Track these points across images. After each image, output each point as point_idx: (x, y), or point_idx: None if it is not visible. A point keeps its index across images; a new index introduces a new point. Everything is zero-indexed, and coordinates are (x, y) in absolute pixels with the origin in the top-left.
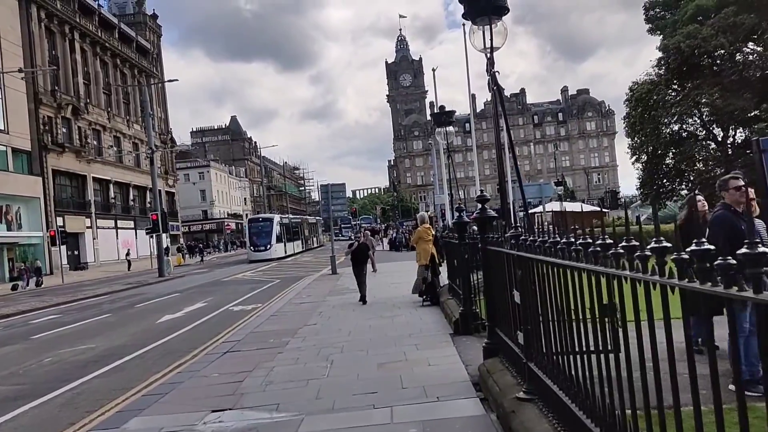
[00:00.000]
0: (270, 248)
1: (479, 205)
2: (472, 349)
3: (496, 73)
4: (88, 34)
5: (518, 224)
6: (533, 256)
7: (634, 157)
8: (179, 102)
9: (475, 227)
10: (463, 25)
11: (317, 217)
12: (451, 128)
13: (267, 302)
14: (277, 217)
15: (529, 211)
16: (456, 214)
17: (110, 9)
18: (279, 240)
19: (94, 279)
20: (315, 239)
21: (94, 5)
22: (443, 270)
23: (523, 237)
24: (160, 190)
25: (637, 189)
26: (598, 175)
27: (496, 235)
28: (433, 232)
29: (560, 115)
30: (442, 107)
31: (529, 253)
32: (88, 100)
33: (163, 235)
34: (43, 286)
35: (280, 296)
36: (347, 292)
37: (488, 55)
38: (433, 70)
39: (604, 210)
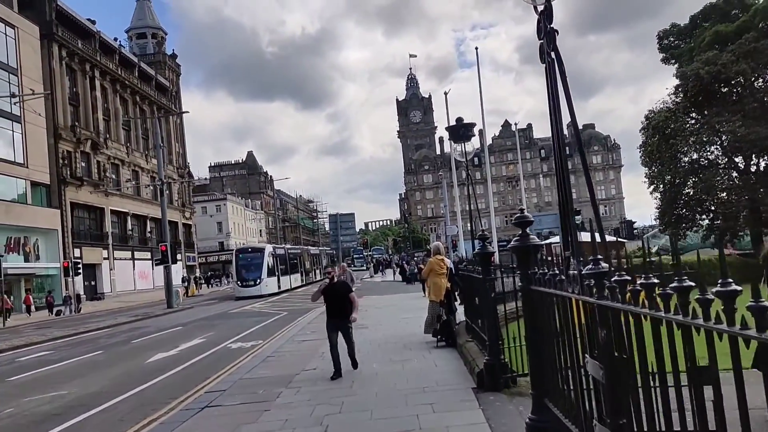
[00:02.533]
0: (260, 283)
1: (519, 231)
2: (505, 416)
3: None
4: (109, 72)
5: (564, 257)
6: (643, 311)
7: (652, 187)
8: (203, 140)
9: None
10: (477, 65)
11: (322, 248)
12: (471, 144)
13: (268, 339)
14: (269, 248)
15: (546, 242)
16: (478, 243)
17: (131, 49)
18: (271, 273)
19: (106, 310)
20: (317, 271)
21: (115, 45)
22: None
23: (616, 277)
24: (176, 222)
25: (655, 219)
26: (605, 207)
27: (549, 272)
28: (448, 264)
29: (566, 149)
30: (459, 118)
31: (630, 306)
32: (108, 135)
33: (175, 266)
34: (81, 312)
35: (283, 332)
36: (354, 329)
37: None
38: (445, 93)
39: (621, 240)
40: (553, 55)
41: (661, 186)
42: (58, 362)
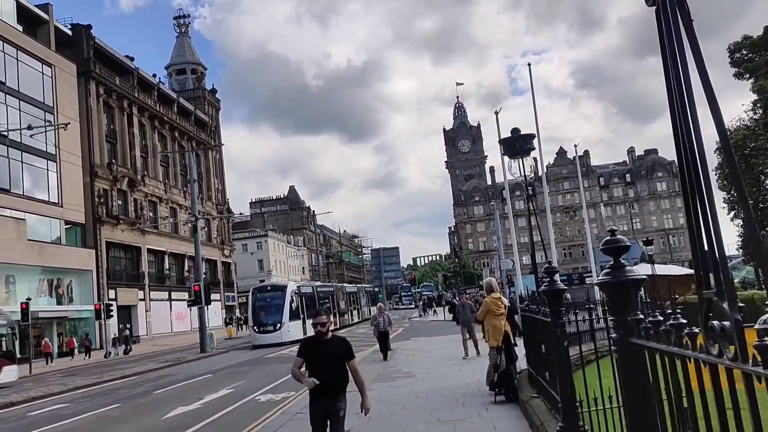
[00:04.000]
0: (280, 328)
1: (609, 260)
2: None
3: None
4: (147, 109)
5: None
6: None
7: (732, 213)
8: (247, 176)
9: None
10: (532, 90)
11: (362, 285)
12: (531, 159)
13: (301, 390)
14: (292, 285)
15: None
16: (544, 278)
17: (171, 85)
18: (295, 316)
19: (139, 354)
20: (355, 312)
21: (153, 81)
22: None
23: None
24: (215, 261)
25: (737, 248)
26: (674, 237)
27: (668, 320)
28: (506, 303)
29: (628, 176)
30: (515, 129)
31: None
32: (145, 172)
33: (213, 306)
34: (131, 353)
35: None
36: (399, 377)
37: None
38: (496, 112)
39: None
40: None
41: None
42: (71, 417)
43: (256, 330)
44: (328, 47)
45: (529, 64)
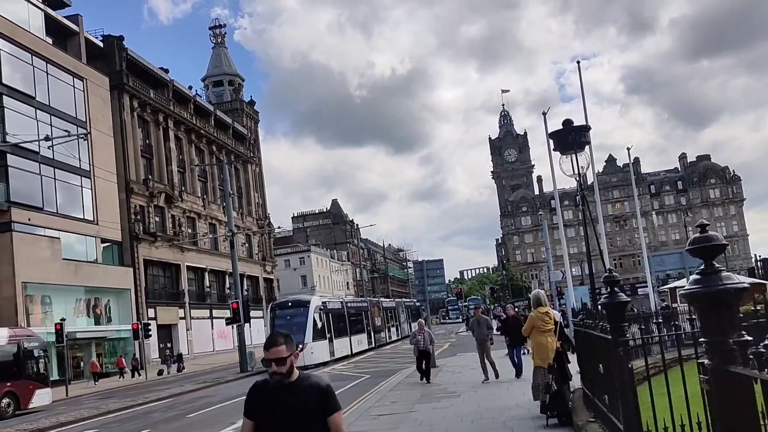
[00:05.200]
0: (302, 349)
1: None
2: None
3: None
4: (183, 122)
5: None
6: None
7: None
8: (290, 190)
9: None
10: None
11: (402, 300)
12: (585, 155)
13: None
14: (316, 301)
15: (669, 286)
16: (605, 289)
17: (208, 98)
18: (320, 335)
19: (178, 375)
20: (394, 329)
21: (190, 93)
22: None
23: None
24: (257, 277)
25: None
26: (728, 245)
27: None
28: (556, 317)
29: (679, 183)
30: (567, 120)
31: None
32: (183, 188)
33: (255, 323)
34: (184, 371)
35: (360, 402)
36: (443, 397)
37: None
38: (544, 113)
39: (763, 282)
40: None
41: None
42: None
43: None
44: (372, 56)
45: (578, 61)
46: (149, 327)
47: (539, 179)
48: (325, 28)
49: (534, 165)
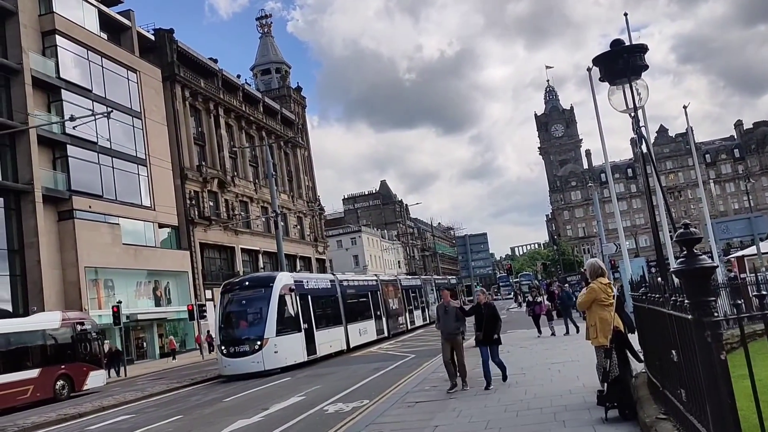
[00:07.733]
0: (259, 350)
1: None
2: None
3: None
4: (233, 109)
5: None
6: None
7: None
8: (344, 173)
9: None
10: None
11: (426, 276)
12: (643, 83)
13: (375, 398)
14: (284, 278)
15: (734, 255)
16: (681, 251)
17: (256, 86)
18: (289, 326)
19: None
20: (418, 312)
21: (238, 82)
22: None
23: None
24: (309, 258)
25: None
26: None
27: None
28: (615, 292)
29: (736, 151)
30: (617, 41)
31: None
32: (235, 173)
33: None
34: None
35: (399, 385)
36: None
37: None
38: (589, 69)
39: None
40: None
41: None
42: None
43: (224, 351)
44: (420, 39)
45: (625, 14)
46: (204, 307)
47: (587, 153)
48: (374, 15)
49: (582, 139)
